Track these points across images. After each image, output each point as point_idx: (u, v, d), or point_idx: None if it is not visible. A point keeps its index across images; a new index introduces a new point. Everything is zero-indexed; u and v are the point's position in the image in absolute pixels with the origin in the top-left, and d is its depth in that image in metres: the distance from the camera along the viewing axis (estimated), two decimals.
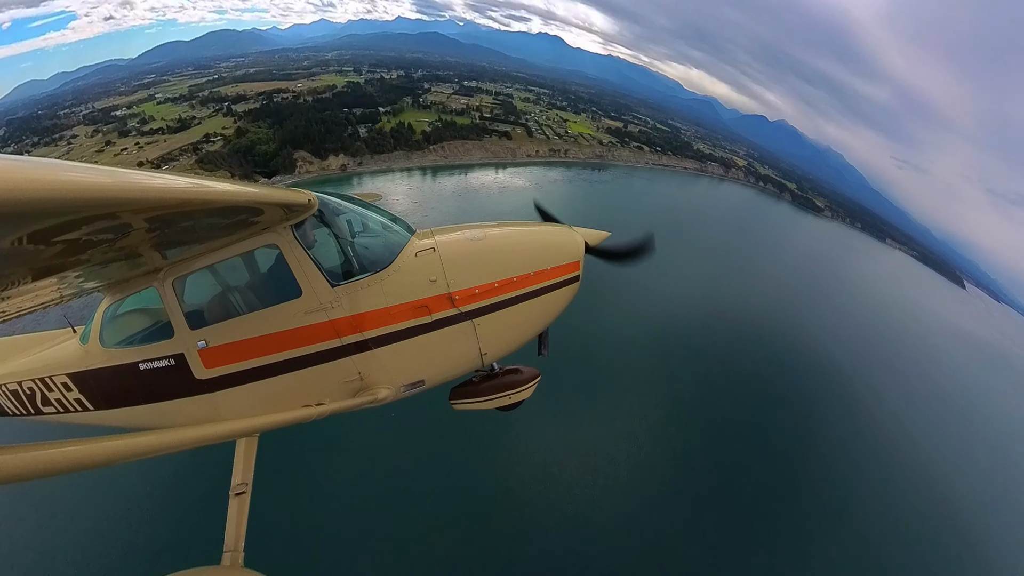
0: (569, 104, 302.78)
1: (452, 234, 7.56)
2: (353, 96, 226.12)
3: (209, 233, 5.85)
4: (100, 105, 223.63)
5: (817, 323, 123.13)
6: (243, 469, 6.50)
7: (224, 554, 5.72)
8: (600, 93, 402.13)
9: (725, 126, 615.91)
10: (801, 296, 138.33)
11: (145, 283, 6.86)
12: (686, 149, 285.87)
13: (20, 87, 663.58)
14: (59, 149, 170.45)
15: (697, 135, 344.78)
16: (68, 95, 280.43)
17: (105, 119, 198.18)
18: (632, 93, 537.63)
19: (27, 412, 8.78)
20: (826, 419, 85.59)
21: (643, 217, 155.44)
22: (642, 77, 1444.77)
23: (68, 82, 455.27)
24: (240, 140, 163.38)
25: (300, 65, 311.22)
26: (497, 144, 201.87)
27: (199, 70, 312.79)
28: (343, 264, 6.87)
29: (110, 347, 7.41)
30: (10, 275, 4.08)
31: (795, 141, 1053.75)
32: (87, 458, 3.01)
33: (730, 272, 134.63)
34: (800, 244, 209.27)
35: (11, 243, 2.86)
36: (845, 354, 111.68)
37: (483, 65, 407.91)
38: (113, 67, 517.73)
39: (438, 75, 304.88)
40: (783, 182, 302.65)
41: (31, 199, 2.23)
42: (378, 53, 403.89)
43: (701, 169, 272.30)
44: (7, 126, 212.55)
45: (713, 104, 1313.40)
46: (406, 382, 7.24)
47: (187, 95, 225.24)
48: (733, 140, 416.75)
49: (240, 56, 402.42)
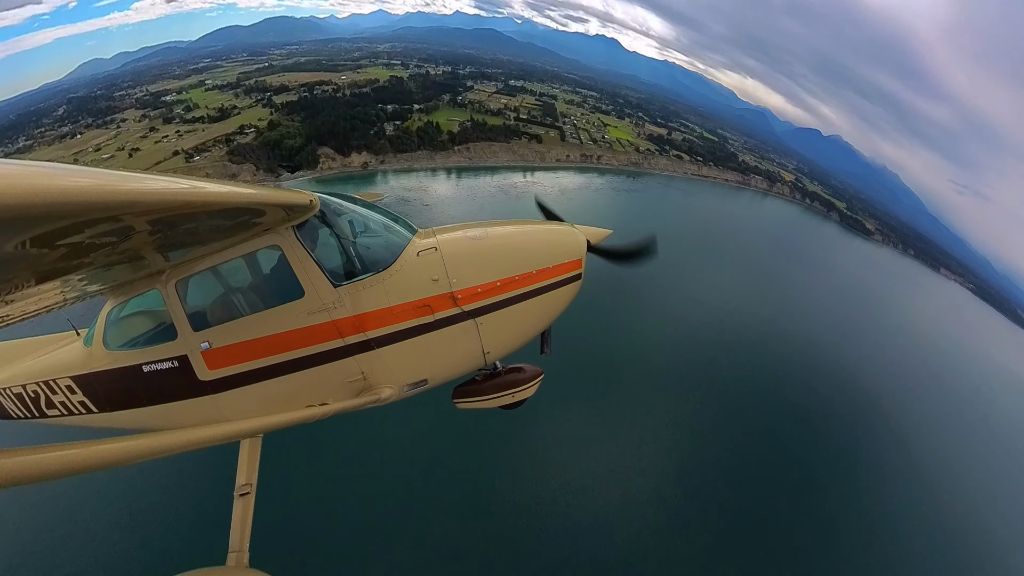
0: (614, 108, 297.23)
1: (454, 233, 7.68)
2: (391, 92, 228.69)
3: (211, 235, 5.99)
4: (154, 88, 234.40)
5: (857, 354, 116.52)
6: (247, 470, 6.62)
7: (229, 555, 5.85)
8: (650, 98, 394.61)
9: (777, 138, 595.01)
10: (841, 324, 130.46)
11: (148, 285, 7.01)
12: (730, 160, 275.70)
13: (83, 65, 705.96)
14: (108, 132, 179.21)
15: (745, 146, 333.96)
16: (127, 76, 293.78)
17: (155, 103, 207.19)
18: (684, 100, 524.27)
19: (31, 415, 8.95)
20: (864, 459, 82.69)
21: (668, 229, 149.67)
22: (696, 84, 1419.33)
23: (129, 62, 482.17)
24: (271, 133, 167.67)
25: (350, 56, 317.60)
26: (525, 147, 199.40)
27: (252, 56, 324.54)
28: (345, 264, 6.99)
29: (114, 349, 7.56)
30: (14, 279, 4.20)
31: (849, 158, 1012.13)
32: (92, 461, 3.04)
33: (763, 294, 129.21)
34: (844, 268, 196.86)
35: (15, 247, 2.93)
36: (887, 389, 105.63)
37: (535, 64, 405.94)
38: (172, 49, 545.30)
39: (485, 73, 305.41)
40: (832, 200, 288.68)
41: (35, 203, 2.28)
42: (431, 47, 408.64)
43: (743, 182, 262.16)
44: (67, 104, 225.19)
45: (766, 115, 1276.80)
46: (409, 381, 7.38)
47: (234, 83, 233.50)
48: (783, 153, 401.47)
49: (295, 44, 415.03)
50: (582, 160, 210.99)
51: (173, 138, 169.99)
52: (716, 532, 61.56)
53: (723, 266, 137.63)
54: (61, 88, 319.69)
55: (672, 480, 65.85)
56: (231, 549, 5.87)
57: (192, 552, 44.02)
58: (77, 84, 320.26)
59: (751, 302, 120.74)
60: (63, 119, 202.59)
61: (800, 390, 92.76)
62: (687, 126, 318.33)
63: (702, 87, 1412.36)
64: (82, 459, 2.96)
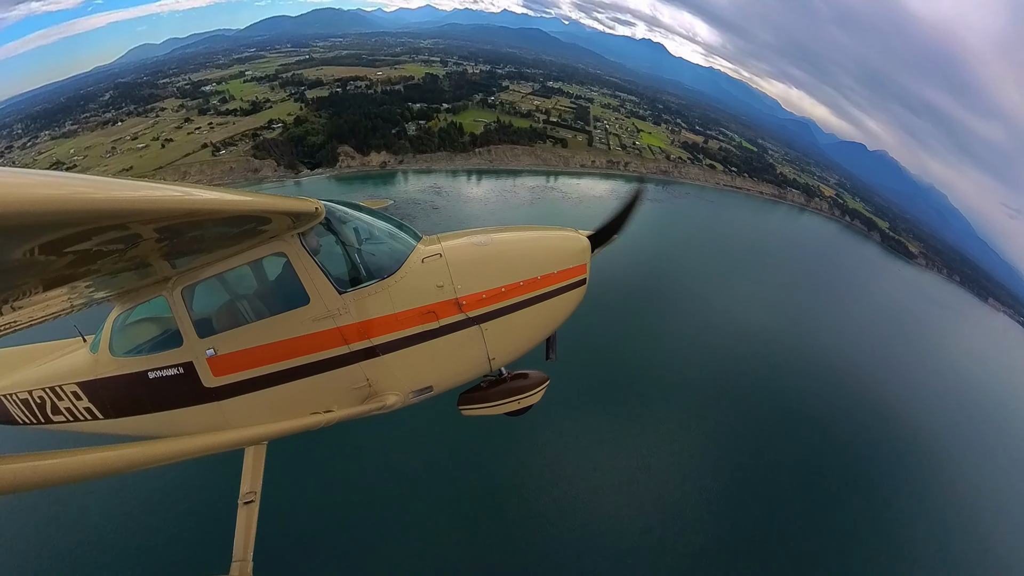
0: (652, 114, 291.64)
1: (458, 239, 7.76)
2: (423, 90, 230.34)
3: (217, 242, 6.08)
4: (196, 77, 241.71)
5: (893, 386, 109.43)
6: (252, 478, 6.67)
7: (233, 564, 5.87)
8: (691, 105, 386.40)
9: (820, 151, 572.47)
10: (876, 353, 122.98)
11: (154, 292, 7.12)
12: (766, 172, 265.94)
13: (134, 50, 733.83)
14: (147, 121, 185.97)
15: (786, 157, 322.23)
16: (174, 62, 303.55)
17: (194, 93, 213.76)
18: (727, 107, 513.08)
19: (37, 421, 9.00)
20: (897, 496, 78.02)
21: (694, 241, 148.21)
22: (741, 92, 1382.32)
23: (177, 48, 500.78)
24: (296, 129, 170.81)
25: (391, 51, 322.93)
26: (549, 151, 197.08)
27: (296, 47, 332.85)
28: (350, 271, 7.09)
29: (120, 356, 7.69)
30: (22, 285, 4.29)
31: (894, 174, 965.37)
32: (96, 467, 3.08)
33: (793, 315, 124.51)
34: (883, 293, 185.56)
35: (23, 254, 3.01)
36: (924, 427, 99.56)
37: (577, 66, 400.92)
38: (220, 37, 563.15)
39: (523, 73, 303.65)
40: (873, 219, 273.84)
41: (44, 211, 2.37)
42: (473, 45, 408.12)
43: (779, 195, 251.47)
44: (114, 89, 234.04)
45: (810, 127, 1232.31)
46: (414, 388, 7.45)
47: (272, 75, 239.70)
48: (826, 166, 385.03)
49: (339, 36, 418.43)
50: (608, 166, 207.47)
51: (205, 130, 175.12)
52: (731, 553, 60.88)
53: (751, 283, 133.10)
54: (111, 72, 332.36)
55: (686, 496, 65.18)
56: (235, 558, 5.95)
57: (195, 561, 44.47)
58: (126, 69, 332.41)
59: (779, 322, 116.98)
60: (108, 105, 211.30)
61: (829, 417, 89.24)
62: (726, 134, 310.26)
63: (746, 95, 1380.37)
64: (86, 466, 2.98)
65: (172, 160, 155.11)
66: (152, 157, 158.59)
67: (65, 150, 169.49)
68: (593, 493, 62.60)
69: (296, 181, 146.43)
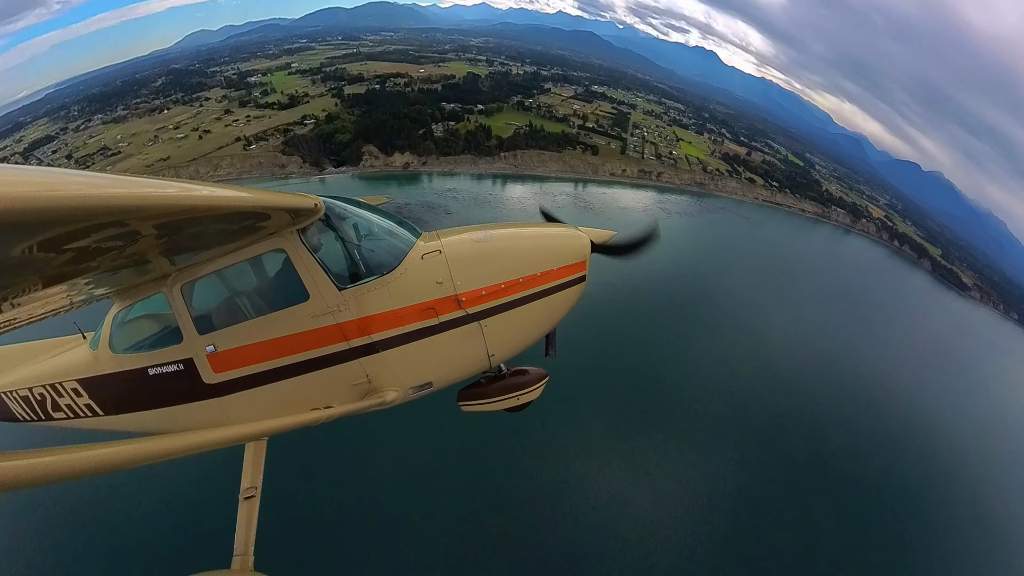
0: (696, 122, 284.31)
1: (458, 236, 7.74)
2: (460, 90, 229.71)
3: (217, 239, 6.12)
4: (245, 67, 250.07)
5: (937, 433, 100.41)
6: (252, 473, 6.63)
7: (234, 558, 5.91)
8: (739, 115, 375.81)
9: (871, 169, 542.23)
10: (920, 395, 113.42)
11: (154, 289, 7.11)
12: (811, 188, 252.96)
13: (190, 36, 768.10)
14: (191, 110, 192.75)
15: (834, 174, 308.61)
16: (227, 51, 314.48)
17: (239, 84, 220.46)
18: (777, 119, 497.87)
19: (38, 418, 9.03)
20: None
21: (726, 258, 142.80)
22: (791, 104, 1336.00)
23: (232, 36, 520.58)
24: (326, 126, 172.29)
25: (439, 48, 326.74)
26: (578, 158, 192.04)
27: (346, 40, 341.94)
28: (350, 267, 7.10)
29: (120, 353, 7.70)
30: (21, 282, 4.38)
31: (950, 198, 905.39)
32: (97, 464, 3.11)
33: (829, 343, 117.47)
34: (930, 328, 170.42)
35: (23, 251, 3.02)
36: (971, 477, 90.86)
37: (626, 71, 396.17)
38: (275, 26, 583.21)
39: (569, 76, 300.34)
40: (924, 245, 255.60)
41: (43, 208, 2.38)
42: (524, 45, 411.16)
43: (822, 214, 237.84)
44: (167, 76, 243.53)
45: (862, 143, 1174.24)
46: (414, 384, 7.49)
47: (316, 68, 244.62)
48: (876, 185, 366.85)
49: (390, 31, 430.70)
50: (639, 176, 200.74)
51: (242, 123, 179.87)
52: None
53: (784, 308, 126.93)
54: (167, 58, 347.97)
55: (701, 517, 64.03)
56: (236, 552, 5.99)
57: (197, 555, 43.97)
58: (181, 55, 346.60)
59: (812, 352, 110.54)
60: (159, 91, 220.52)
61: (861, 459, 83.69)
62: (772, 147, 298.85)
63: (797, 107, 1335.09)
64: (87, 462, 3.01)
65: (206, 152, 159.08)
66: (189, 148, 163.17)
67: (113, 136, 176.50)
68: (598, 504, 62.28)
69: (320, 178, 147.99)
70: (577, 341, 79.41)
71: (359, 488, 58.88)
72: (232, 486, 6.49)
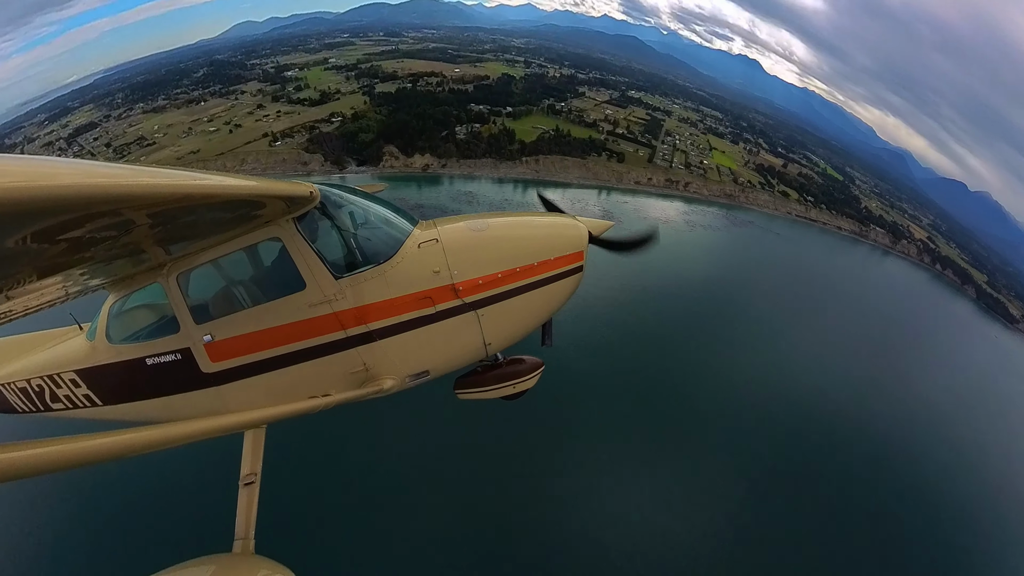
0: (732, 131, 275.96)
1: (455, 225, 7.71)
2: (491, 91, 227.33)
3: (212, 228, 6.15)
4: (284, 60, 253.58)
5: (977, 483, 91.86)
6: (251, 460, 6.61)
7: (235, 542, 6.02)
8: (778, 125, 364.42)
9: (915, 186, 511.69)
10: (955, 439, 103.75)
11: (149, 279, 7.13)
12: (849, 204, 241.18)
13: (237, 26, 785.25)
14: (226, 103, 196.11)
15: (875, 190, 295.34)
16: (269, 43, 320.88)
17: (275, 78, 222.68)
18: (818, 131, 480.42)
19: (36, 409, 9.05)
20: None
21: (753, 277, 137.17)
22: (834, 116, 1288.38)
23: (277, 27, 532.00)
24: (351, 125, 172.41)
25: (479, 48, 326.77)
26: (602, 165, 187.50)
27: (387, 36, 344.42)
28: (346, 256, 7.09)
29: (117, 343, 7.70)
30: (15, 274, 4.40)
31: (998, 220, 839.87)
32: (97, 453, 3.14)
33: (859, 372, 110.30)
34: (972, 364, 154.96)
35: (16, 242, 3.03)
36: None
37: (666, 77, 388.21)
38: (319, 20, 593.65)
39: (606, 80, 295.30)
40: (969, 270, 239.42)
41: (36, 198, 2.36)
42: (565, 47, 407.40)
43: (860, 233, 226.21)
44: (209, 66, 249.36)
45: (906, 158, 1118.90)
46: (411, 372, 7.49)
47: (353, 64, 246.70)
48: (919, 203, 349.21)
49: (432, 28, 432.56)
50: (666, 185, 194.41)
51: (272, 118, 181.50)
52: None
53: (810, 333, 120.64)
54: (211, 48, 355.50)
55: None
56: (237, 536, 6.08)
57: (198, 540, 47.66)
58: (225, 46, 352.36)
59: (839, 381, 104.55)
60: (199, 82, 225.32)
61: (892, 500, 78.83)
62: (810, 159, 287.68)
63: (839, 119, 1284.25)
64: (87, 452, 3.05)
65: (234, 147, 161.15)
66: (219, 141, 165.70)
67: (151, 125, 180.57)
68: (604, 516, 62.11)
69: (341, 177, 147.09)
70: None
71: (358, 471, 60.62)
72: (232, 473, 6.56)
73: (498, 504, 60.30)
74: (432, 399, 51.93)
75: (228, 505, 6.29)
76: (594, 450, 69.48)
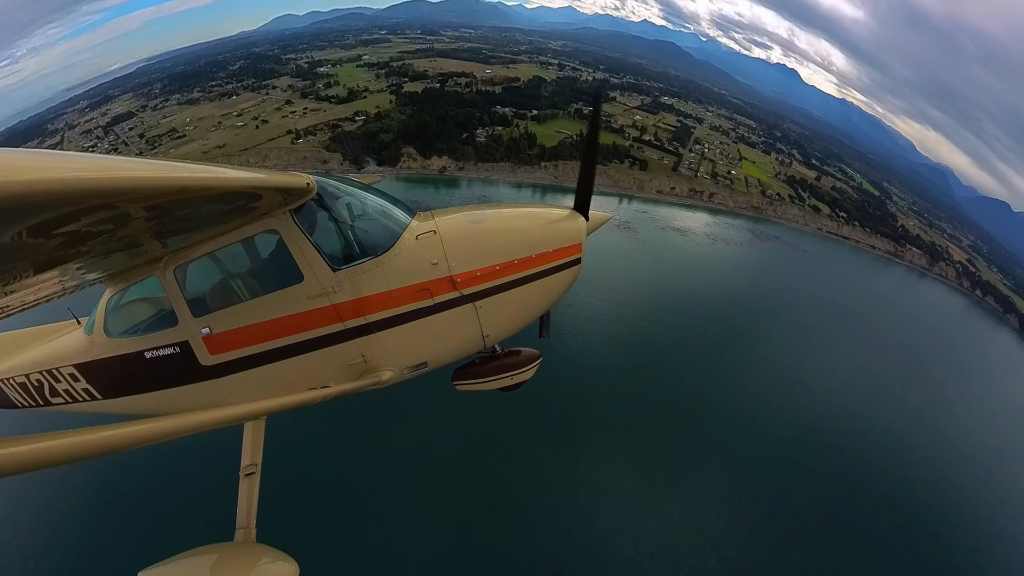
0: (765, 141, 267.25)
1: (453, 216, 7.70)
2: (519, 94, 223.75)
3: (208, 220, 6.16)
4: (319, 55, 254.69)
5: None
6: (252, 451, 7.01)
7: (237, 531, 6.23)
8: (814, 136, 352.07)
9: (955, 204, 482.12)
10: (991, 480, 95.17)
11: (146, 272, 7.19)
12: (884, 222, 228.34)
13: (277, 19, 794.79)
14: (257, 98, 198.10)
15: (913, 207, 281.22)
16: (307, 37, 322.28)
17: (307, 74, 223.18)
18: (855, 143, 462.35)
19: (36, 404, 9.13)
20: None
21: (764, 297, 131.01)
22: (872, 128, 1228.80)
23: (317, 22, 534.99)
24: (373, 124, 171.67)
25: (515, 49, 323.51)
26: (624, 172, 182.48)
27: (424, 34, 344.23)
28: (344, 248, 7.11)
29: (115, 337, 7.78)
30: (12, 269, 4.41)
31: None
32: (98, 446, 3.14)
33: (888, 402, 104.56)
34: (1013, 397, 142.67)
35: (12, 237, 3.02)
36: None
37: (702, 84, 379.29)
38: (359, 15, 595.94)
39: (639, 85, 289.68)
40: (1011, 297, 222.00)
41: (31, 191, 2.34)
42: (602, 51, 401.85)
43: (895, 253, 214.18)
44: (245, 59, 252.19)
45: (947, 175, 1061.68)
46: (409, 364, 7.55)
47: (385, 62, 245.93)
48: (960, 223, 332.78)
49: (471, 27, 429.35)
50: (689, 195, 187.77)
51: (298, 115, 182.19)
52: None
53: (837, 359, 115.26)
54: (250, 40, 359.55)
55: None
56: (239, 526, 6.22)
57: (202, 530, 49.80)
58: (264, 39, 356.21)
59: (868, 411, 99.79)
60: (234, 75, 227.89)
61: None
62: (846, 173, 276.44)
63: (878, 132, 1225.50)
64: (88, 445, 3.05)
65: (258, 143, 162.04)
66: (245, 137, 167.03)
67: (183, 118, 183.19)
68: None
69: (358, 178, 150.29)
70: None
71: (359, 462, 61.26)
72: (234, 464, 6.77)
73: (498, 492, 61.14)
74: (431, 390, 52.98)
75: (229, 495, 6.43)
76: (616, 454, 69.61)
